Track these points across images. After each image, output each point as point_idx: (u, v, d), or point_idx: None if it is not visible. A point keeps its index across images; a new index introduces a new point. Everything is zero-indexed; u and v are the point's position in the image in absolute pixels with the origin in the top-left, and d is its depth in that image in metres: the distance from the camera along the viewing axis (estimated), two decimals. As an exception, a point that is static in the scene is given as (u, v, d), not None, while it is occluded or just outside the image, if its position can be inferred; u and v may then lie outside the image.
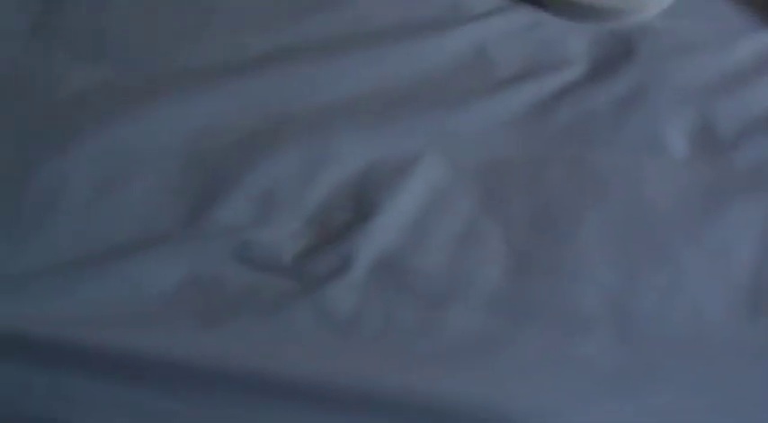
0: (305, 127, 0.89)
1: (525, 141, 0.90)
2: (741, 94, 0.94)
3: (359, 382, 0.77)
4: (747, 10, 1.01)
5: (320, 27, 0.97)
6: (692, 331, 0.79)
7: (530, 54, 0.97)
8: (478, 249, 0.85)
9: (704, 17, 1.00)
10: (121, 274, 0.82)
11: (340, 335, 0.79)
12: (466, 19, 0.99)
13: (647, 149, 0.90)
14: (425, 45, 0.96)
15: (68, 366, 0.78)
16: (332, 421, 0.76)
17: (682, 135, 0.91)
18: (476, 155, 0.89)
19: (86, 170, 0.88)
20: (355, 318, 0.80)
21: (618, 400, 0.76)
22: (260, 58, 0.94)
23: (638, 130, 0.91)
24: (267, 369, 0.77)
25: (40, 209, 0.86)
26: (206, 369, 0.77)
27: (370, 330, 0.79)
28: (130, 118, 0.90)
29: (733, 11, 1.01)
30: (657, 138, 0.90)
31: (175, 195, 0.86)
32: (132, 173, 0.88)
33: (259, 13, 0.99)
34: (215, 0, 1.00)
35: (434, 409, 0.76)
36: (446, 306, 0.81)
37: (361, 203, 0.85)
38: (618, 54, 0.97)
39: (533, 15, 1.00)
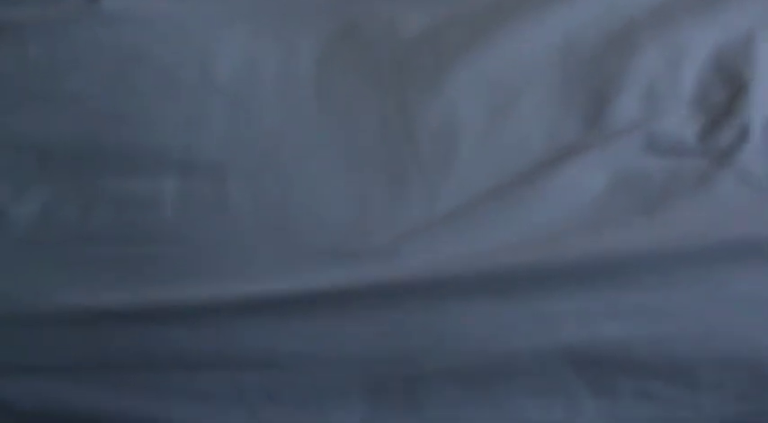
0: (651, 26, 0.97)
1: None
2: None
3: None
4: None
5: None
6: None
7: None
8: None
9: None
10: (545, 191, 0.90)
11: (762, 192, 0.89)
12: None
13: None
14: None
15: (522, 294, 0.86)
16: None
17: None
18: None
19: (473, 100, 0.93)
20: None
21: None
22: None
23: None
24: (701, 242, 0.87)
25: (440, 148, 0.92)
26: (654, 254, 0.87)
27: None
28: (492, 44, 0.95)
29: None
30: None
31: (567, 104, 0.94)
32: (517, 92, 0.94)
33: None
34: None
35: None
36: None
37: (729, 79, 0.94)
38: None
39: None
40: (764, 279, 0.86)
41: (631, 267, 0.87)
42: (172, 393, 0.88)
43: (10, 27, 0.97)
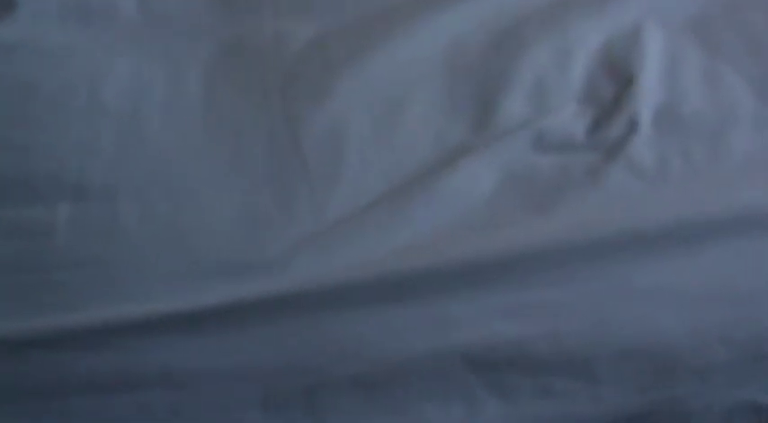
0: (539, 24, 0.98)
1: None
2: None
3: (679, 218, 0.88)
4: None
5: None
6: None
7: None
8: (724, 84, 0.96)
9: None
10: (436, 194, 0.90)
11: (652, 183, 0.90)
12: None
13: None
14: None
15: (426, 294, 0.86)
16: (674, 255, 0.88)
17: None
18: (681, 14, 1.00)
19: (359, 109, 0.94)
20: (659, 166, 0.90)
21: None
22: None
23: None
24: (593, 235, 0.87)
25: (327, 158, 0.92)
26: (547, 251, 0.87)
27: (673, 173, 0.90)
28: (378, 53, 0.97)
29: None
30: None
31: (455, 107, 0.95)
32: (404, 99, 0.95)
33: None
34: None
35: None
36: (723, 135, 0.93)
37: (618, 73, 0.95)
38: None
39: None
40: (657, 269, 0.87)
41: (525, 265, 0.87)
42: (79, 419, 0.88)
43: None
